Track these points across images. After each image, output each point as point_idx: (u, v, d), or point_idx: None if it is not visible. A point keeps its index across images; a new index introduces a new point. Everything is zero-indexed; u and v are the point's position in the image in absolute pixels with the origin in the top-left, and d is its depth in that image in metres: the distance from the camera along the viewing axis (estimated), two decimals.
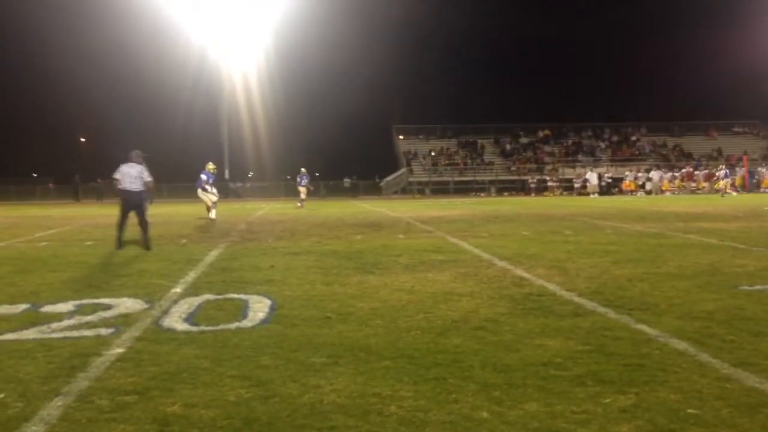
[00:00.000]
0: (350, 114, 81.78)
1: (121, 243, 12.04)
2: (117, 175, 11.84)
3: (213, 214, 20.38)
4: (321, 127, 74.67)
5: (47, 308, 6.67)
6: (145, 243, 11.93)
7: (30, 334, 5.58)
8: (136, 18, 66.97)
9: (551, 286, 7.57)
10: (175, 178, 50.05)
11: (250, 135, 65.49)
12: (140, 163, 12.27)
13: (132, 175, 11.99)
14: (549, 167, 55.13)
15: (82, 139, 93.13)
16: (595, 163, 56.79)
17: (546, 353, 4.81)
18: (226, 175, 54.65)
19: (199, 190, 20.73)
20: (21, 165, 77.79)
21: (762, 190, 47.17)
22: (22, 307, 6.76)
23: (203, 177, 20.64)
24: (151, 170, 12.25)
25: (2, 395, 4.01)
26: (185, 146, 68.77)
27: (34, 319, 6.14)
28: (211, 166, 20.94)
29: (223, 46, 54.75)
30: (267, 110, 65.70)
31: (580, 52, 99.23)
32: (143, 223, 12.04)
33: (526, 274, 8.50)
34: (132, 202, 11.93)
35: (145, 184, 12.20)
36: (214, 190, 20.91)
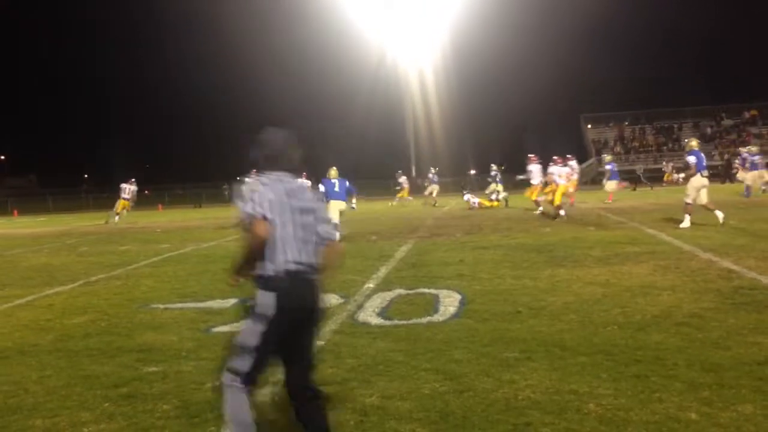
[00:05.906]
0: (534, 106, 79.88)
1: None
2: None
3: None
4: (502, 120, 73.90)
5: None
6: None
7: None
8: (321, 31, 70.21)
9: (765, 279, 6.95)
10: (363, 176, 51.79)
11: (433, 132, 66.11)
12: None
13: None
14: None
15: None
16: None
17: (761, 352, 4.44)
18: (413, 172, 55.66)
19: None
20: (235, 168, 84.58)
21: None
22: (232, 301, 7.30)
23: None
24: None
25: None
26: (374, 146, 70.81)
27: None
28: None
29: (403, 45, 55.72)
30: (448, 106, 65.98)
31: None
32: None
33: (734, 267, 7.86)
34: None
35: None
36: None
